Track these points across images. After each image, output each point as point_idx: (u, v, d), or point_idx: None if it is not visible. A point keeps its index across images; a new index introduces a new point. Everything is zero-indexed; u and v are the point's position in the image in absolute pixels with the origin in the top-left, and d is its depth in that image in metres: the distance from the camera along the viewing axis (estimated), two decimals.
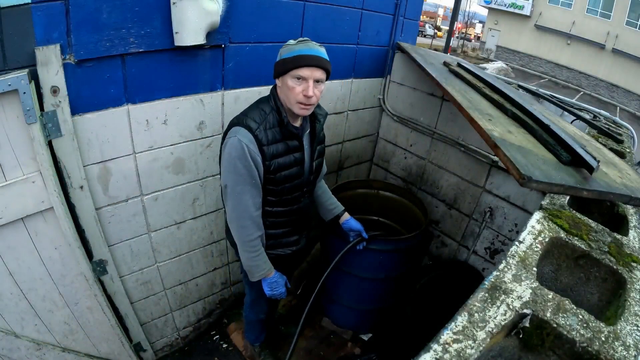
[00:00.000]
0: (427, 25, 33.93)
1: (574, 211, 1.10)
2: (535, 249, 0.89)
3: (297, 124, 1.37)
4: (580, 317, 0.73)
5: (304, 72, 1.20)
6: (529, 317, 0.71)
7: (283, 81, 1.26)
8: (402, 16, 2.41)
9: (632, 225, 1.12)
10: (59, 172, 1.35)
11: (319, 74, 1.23)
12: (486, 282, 0.77)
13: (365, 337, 2.40)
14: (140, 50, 1.38)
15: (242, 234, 1.38)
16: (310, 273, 2.57)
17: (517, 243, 0.90)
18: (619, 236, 1.02)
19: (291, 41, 1.27)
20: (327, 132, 2.39)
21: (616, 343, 0.68)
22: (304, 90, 1.21)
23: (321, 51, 1.25)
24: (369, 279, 2.13)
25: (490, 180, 2.12)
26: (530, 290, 0.77)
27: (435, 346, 0.61)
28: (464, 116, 1.35)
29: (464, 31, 28.65)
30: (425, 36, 30.75)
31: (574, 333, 0.69)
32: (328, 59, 1.26)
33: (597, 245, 0.96)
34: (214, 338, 2.33)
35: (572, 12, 17.85)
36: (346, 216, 1.76)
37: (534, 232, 0.96)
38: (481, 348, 0.62)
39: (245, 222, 1.35)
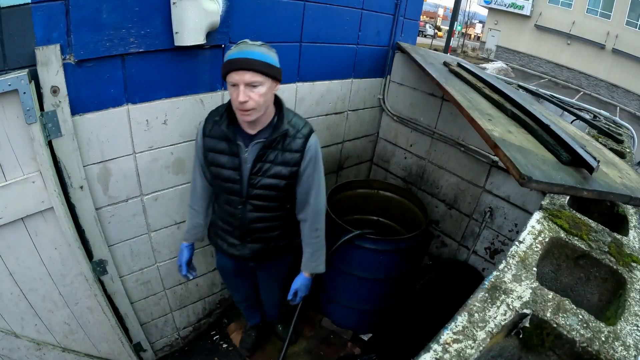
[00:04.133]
0: (427, 26, 33.94)
1: (574, 211, 1.10)
2: (535, 249, 0.89)
3: (252, 130, 1.32)
4: (580, 317, 0.73)
5: (233, 77, 1.17)
6: (529, 317, 0.71)
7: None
8: (402, 16, 2.41)
9: (632, 225, 1.12)
10: (59, 172, 1.35)
11: (249, 76, 1.16)
12: (486, 282, 0.77)
13: (365, 337, 2.40)
14: (140, 50, 1.38)
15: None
16: None
17: (517, 243, 0.90)
18: (619, 236, 1.02)
19: (235, 45, 1.23)
20: (327, 132, 2.40)
21: (616, 343, 0.68)
22: (237, 96, 1.17)
23: (256, 51, 1.17)
24: (369, 279, 2.13)
25: (490, 180, 2.12)
26: (530, 290, 0.77)
27: (435, 346, 0.61)
28: (464, 116, 1.35)
29: (463, 31, 28.64)
30: (425, 36, 30.75)
31: (574, 333, 0.69)
32: (267, 60, 1.19)
33: (597, 245, 0.96)
34: (214, 338, 2.33)
35: (572, 12, 17.85)
36: (302, 273, 1.62)
37: (534, 232, 0.96)
38: (481, 348, 0.62)
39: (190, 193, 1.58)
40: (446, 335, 0.63)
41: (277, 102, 1.35)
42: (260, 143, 1.31)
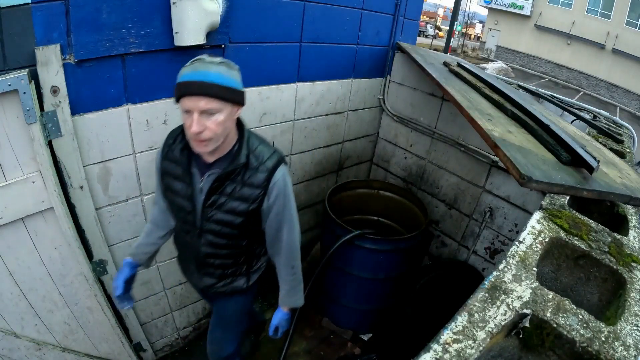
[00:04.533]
0: (428, 26, 33.97)
1: (574, 211, 1.10)
2: (535, 249, 0.89)
3: (209, 158, 1.14)
4: (580, 317, 0.73)
5: (186, 103, 1.00)
6: (529, 317, 0.71)
7: None
8: (402, 16, 2.41)
9: (632, 225, 1.12)
10: (59, 172, 1.35)
11: (205, 103, 0.98)
12: (486, 282, 0.77)
13: (365, 337, 2.40)
14: (140, 50, 1.38)
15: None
16: (311, 274, 2.58)
17: (517, 243, 0.90)
18: (619, 236, 1.02)
19: (192, 59, 1.05)
20: (327, 132, 2.40)
21: (616, 343, 0.68)
22: (190, 125, 1.00)
23: (213, 72, 0.99)
24: (369, 279, 2.13)
25: (490, 180, 2.12)
26: (530, 290, 0.77)
27: (435, 346, 0.61)
28: (464, 116, 1.35)
29: (463, 31, 28.65)
30: (426, 36, 30.77)
31: (574, 333, 0.69)
32: (226, 83, 1.01)
33: (597, 245, 0.96)
34: None
35: (572, 12, 17.85)
36: (280, 308, 1.48)
37: (534, 232, 0.96)
38: (481, 348, 0.62)
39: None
40: (446, 335, 0.63)
41: (240, 126, 1.18)
42: (215, 174, 1.14)
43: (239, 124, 1.17)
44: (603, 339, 0.69)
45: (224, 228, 1.21)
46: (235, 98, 1.04)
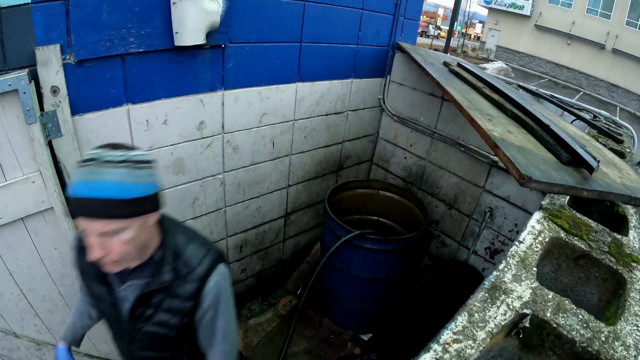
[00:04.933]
0: (430, 26, 34.02)
1: (574, 211, 1.10)
2: (535, 249, 0.89)
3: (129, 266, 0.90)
4: (580, 317, 0.73)
5: (80, 223, 0.75)
6: (529, 317, 0.71)
7: None
8: (402, 16, 2.41)
9: (632, 225, 1.12)
10: (59, 172, 1.35)
11: (102, 226, 0.74)
12: (486, 282, 0.77)
13: (365, 337, 2.40)
14: (140, 50, 1.38)
15: None
16: (311, 274, 2.58)
17: (517, 243, 0.90)
18: (619, 236, 1.02)
19: (87, 154, 0.76)
20: (327, 132, 2.40)
21: (616, 343, 0.68)
22: (89, 248, 0.78)
23: (107, 183, 0.73)
24: (369, 279, 2.13)
25: (490, 180, 2.12)
26: (530, 290, 0.77)
27: (435, 346, 0.61)
28: (464, 116, 1.35)
29: (463, 31, 28.66)
30: (428, 37, 30.78)
31: (574, 333, 0.69)
32: (128, 195, 0.75)
33: (597, 245, 0.96)
34: None
35: (572, 12, 17.86)
36: None
37: (534, 232, 0.96)
38: (481, 348, 0.62)
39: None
40: (446, 335, 0.63)
41: (162, 224, 0.95)
42: (137, 286, 0.92)
43: (161, 221, 0.94)
44: (603, 339, 0.69)
45: (156, 339, 1.01)
46: (144, 209, 0.81)
